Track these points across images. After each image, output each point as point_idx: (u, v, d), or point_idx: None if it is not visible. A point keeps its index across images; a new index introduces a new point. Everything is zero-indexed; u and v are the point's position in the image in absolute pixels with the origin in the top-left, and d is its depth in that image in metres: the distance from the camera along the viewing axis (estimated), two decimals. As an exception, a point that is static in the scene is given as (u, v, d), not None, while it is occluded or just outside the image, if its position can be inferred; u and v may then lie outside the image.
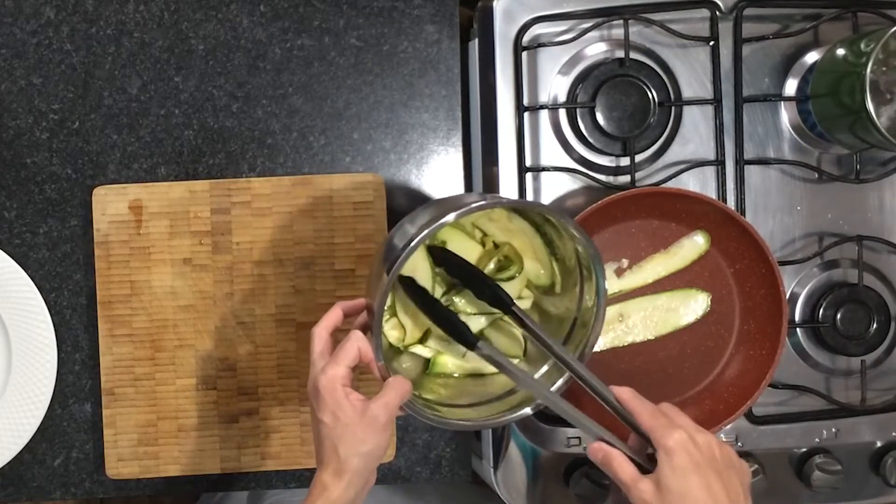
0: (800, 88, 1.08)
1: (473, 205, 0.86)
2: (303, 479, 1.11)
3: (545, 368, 0.96)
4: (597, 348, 1.06)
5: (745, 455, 1.08)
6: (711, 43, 1.07)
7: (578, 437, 1.08)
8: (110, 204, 1.08)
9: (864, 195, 1.10)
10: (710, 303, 1.06)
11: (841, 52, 1.03)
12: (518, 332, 0.97)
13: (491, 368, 0.96)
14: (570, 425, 1.08)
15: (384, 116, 1.11)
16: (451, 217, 0.85)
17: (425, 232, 0.85)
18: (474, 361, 0.96)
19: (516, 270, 0.96)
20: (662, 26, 1.06)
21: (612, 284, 1.06)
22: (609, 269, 1.06)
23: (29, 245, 1.09)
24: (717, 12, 1.07)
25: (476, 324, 0.96)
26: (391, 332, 0.97)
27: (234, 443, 1.10)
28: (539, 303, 0.99)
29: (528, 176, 1.07)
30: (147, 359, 1.09)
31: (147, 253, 1.08)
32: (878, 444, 1.10)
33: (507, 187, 1.07)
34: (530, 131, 1.08)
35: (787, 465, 1.09)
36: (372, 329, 0.88)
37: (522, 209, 0.96)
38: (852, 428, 1.09)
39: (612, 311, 1.06)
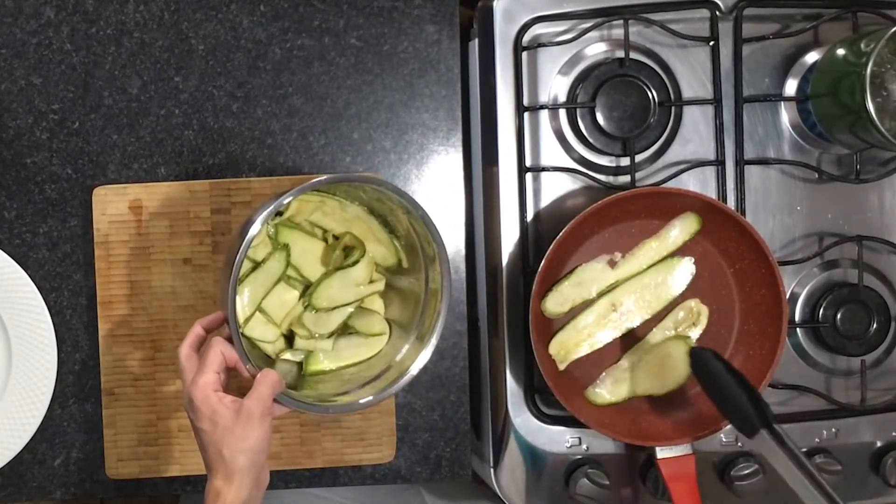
0: (800, 88, 1.08)
1: (289, 192, 0.91)
2: (302, 479, 1.11)
3: (406, 347, 0.99)
4: (598, 345, 1.06)
5: (745, 455, 1.08)
6: (711, 43, 1.07)
7: (578, 437, 1.08)
8: (110, 204, 1.08)
9: (864, 195, 1.10)
10: (694, 265, 1.06)
11: (841, 52, 1.03)
12: (381, 311, 1.02)
13: (365, 354, 1.01)
14: (570, 425, 1.08)
15: (384, 116, 1.11)
16: (284, 200, 0.90)
17: (258, 220, 0.90)
18: (347, 354, 1.01)
19: (359, 255, 1.00)
20: (662, 26, 1.06)
21: (608, 276, 1.06)
22: (602, 262, 1.06)
23: (29, 245, 1.09)
24: (717, 12, 1.07)
25: (340, 315, 1.00)
26: (259, 328, 1.00)
27: (234, 443, 1.10)
28: (392, 283, 1.03)
29: (528, 176, 1.07)
30: (147, 359, 1.09)
31: (147, 253, 1.08)
32: (878, 444, 1.10)
33: (507, 187, 1.07)
34: (530, 131, 1.08)
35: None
36: (231, 334, 0.91)
37: (348, 191, 0.99)
38: (852, 428, 1.09)
39: (603, 304, 1.06)
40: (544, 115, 1.08)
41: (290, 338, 1.02)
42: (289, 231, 1.00)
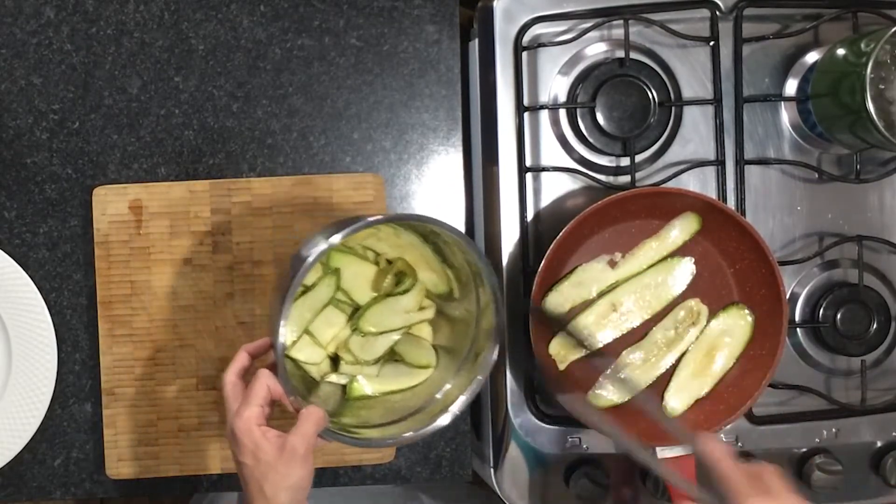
0: (800, 88, 1.08)
1: (355, 224, 0.89)
2: (303, 479, 1.11)
3: (452, 380, 0.98)
4: (598, 345, 1.06)
5: (745, 455, 1.08)
6: (711, 43, 1.07)
7: (578, 438, 1.08)
8: (110, 204, 1.08)
9: (864, 195, 1.10)
10: (694, 265, 1.06)
11: (841, 52, 1.03)
12: (429, 338, 1.01)
13: (410, 382, 1.00)
14: (570, 425, 1.08)
15: (384, 116, 1.11)
16: (336, 238, 0.88)
17: (311, 258, 0.88)
18: (392, 381, 1.00)
19: (410, 284, 0.99)
20: (662, 26, 1.06)
21: (608, 276, 1.06)
22: (602, 262, 1.06)
23: (29, 245, 1.09)
24: (717, 12, 1.07)
25: (387, 341, 0.99)
26: (306, 350, 0.99)
27: (234, 443, 1.10)
28: (442, 310, 1.01)
29: (528, 176, 1.07)
30: (147, 359, 1.09)
31: (147, 253, 1.08)
32: (878, 444, 1.10)
33: (507, 187, 1.07)
34: (530, 131, 1.08)
35: (787, 465, 1.09)
36: (277, 365, 0.89)
37: (404, 222, 0.97)
38: (852, 428, 1.09)
39: (603, 304, 1.06)
40: (544, 114, 1.08)
41: (335, 360, 1.01)
42: (341, 255, 0.99)
